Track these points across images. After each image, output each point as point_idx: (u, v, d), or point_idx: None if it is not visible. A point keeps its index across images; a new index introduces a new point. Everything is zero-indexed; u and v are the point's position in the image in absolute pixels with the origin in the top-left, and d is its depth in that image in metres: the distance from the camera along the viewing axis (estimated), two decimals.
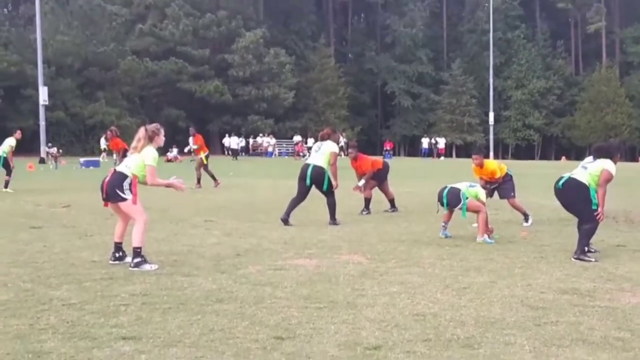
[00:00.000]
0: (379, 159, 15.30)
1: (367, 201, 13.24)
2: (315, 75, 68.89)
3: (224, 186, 19.48)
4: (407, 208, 13.94)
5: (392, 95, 74.23)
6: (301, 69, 69.08)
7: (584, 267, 7.52)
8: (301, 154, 49.83)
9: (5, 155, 17.62)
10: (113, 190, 7.32)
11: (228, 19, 62.29)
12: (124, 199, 7.32)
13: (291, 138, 57.91)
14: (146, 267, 7.22)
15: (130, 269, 7.17)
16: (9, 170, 17.71)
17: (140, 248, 7.29)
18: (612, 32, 74.87)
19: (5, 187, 17.43)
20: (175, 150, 43.36)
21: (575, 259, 7.87)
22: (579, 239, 8.02)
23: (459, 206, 9.55)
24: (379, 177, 13.55)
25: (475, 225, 10.01)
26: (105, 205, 7.64)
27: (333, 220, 11.41)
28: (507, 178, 11.54)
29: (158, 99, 60.48)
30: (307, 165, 11.52)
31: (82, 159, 36.31)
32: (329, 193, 11.46)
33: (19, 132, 18.94)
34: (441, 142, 60.37)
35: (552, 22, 79.51)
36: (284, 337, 4.76)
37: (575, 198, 8.15)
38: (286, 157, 54.02)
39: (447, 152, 64.81)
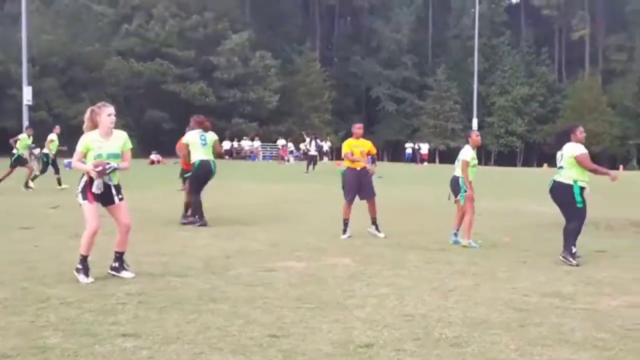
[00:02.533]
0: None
1: (188, 206, 12.30)
2: (300, 78, 68.84)
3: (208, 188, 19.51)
4: (394, 211, 14.07)
5: (376, 100, 74.48)
6: (286, 72, 68.98)
7: (566, 271, 7.75)
8: (285, 158, 49.81)
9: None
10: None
11: (214, 21, 62.20)
12: (79, 203, 6.76)
13: (275, 141, 57.91)
14: (81, 278, 6.67)
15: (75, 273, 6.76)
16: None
17: (85, 256, 6.74)
18: (596, 40, 75.55)
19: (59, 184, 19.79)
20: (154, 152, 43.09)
21: (562, 258, 8.21)
22: (565, 239, 8.31)
23: (458, 197, 9.76)
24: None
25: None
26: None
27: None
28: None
29: (142, 100, 60.35)
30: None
31: (66, 160, 36.17)
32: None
33: (57, 127, 21.05)
34: (424, 148, 60.59)
35: (537, 29, 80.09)
36: (278, 336, 4.92)
37: (560, 199, 8.46)
38: (270, 160, 53.99)
39: (431, 158, 65.10)
